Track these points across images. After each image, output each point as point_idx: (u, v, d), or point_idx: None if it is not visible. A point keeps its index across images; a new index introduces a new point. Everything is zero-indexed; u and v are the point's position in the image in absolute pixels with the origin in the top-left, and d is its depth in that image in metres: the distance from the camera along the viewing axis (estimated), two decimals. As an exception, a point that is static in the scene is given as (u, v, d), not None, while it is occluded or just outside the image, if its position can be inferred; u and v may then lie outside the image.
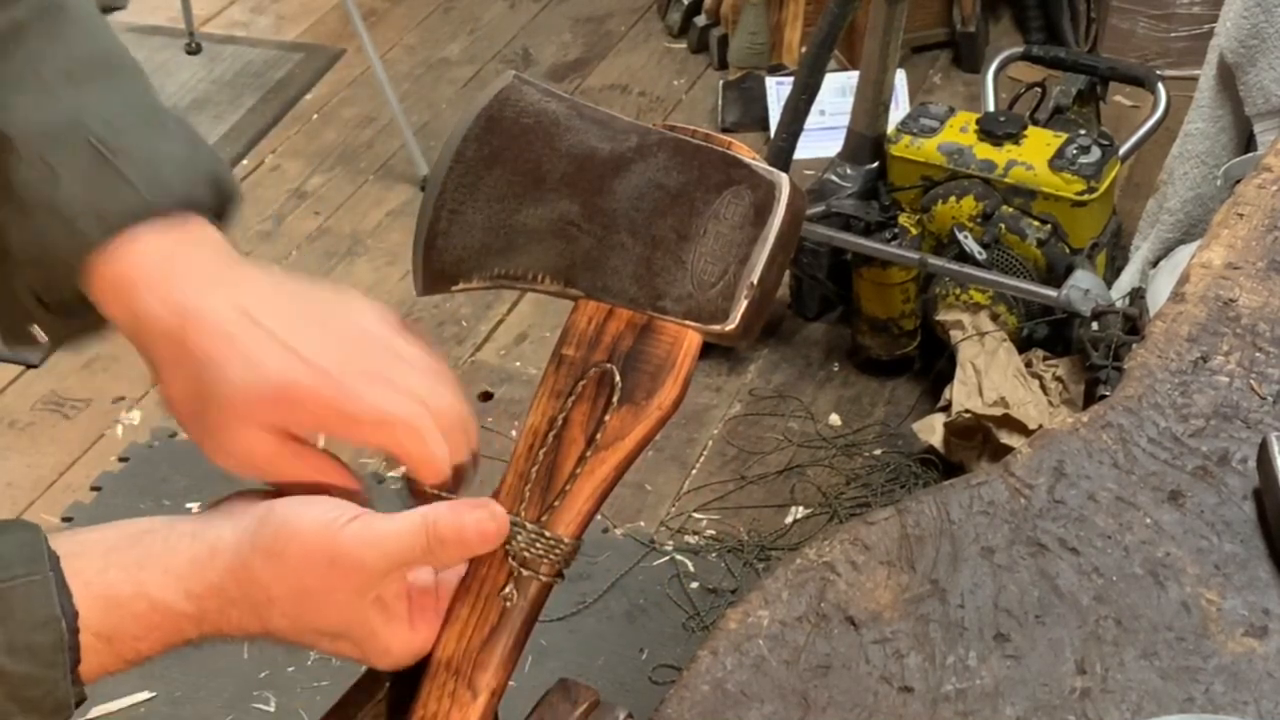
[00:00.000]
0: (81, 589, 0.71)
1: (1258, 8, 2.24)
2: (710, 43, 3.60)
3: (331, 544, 0.72)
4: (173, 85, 3.64)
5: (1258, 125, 2.30)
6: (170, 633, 0.73)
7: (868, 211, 2.59)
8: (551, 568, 0.76)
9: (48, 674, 0.70)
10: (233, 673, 2.23)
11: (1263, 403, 1.08)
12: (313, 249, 3.14)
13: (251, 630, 0.74)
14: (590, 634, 2.27)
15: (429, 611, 0.76)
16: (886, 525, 1.01)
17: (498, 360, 2.83)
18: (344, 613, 0.73)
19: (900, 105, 3.17)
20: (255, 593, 0.73)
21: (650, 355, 0.76)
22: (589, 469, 0.76)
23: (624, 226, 0.76)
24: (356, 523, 0.73)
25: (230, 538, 0.73)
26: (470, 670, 0.76)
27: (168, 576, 0.73)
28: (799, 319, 2.85)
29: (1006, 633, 0.94)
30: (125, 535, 0.75)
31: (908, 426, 2.54)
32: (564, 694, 0.84)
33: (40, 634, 0.70)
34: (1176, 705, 0.89)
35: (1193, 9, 3.35)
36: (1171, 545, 0.99)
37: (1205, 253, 1.21)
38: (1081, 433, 1.06)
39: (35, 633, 0.70)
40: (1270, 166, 1.30)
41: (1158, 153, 2.74)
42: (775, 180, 0.75)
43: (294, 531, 0.73)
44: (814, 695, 0.91)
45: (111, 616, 0.72)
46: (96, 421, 2.72)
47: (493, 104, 0.78)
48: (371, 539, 0.73)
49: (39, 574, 0.70)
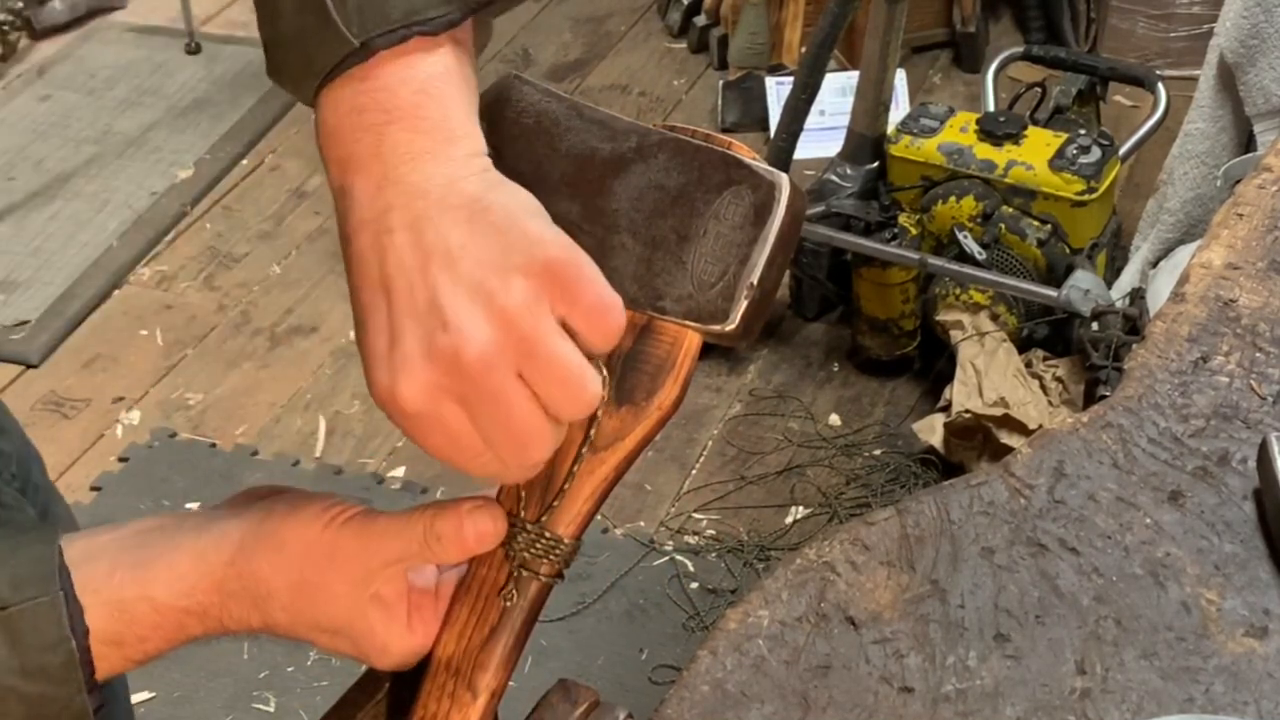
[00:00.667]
0: (90, 598, 0.72)
1: (1258, 8, 2.24)
2: (710, 43, 3.60)
3: (331, 538, 0.73)
4: (173, 85, 3.64)
5: (1258, 125, 2.30)
6: (174, 630, 0.74)
7: (868, 211, 2.59)
8: (551, 568, 0.76)
9: (62, 692, 0.71)
10: (233, 673, 2.23)
11: (1263, 403, 1.08)
12: (313, 249, 3.14)
13: (253, 625, 0.74)
14: (590, 634, 2.27)
15: (428, 612, 0.76)
16: (886, 525, 1.01)
17: (498, 360, 2.83)
18: (342, 608, 0.73)
19: (900, 105, 3.17)
20: (256, 586, 0.73)
21: (650, 355, 0.75)
22: (589, 469, 0.76)
23: (624, 227, 0.76)
24: (357, 518, 0.73)
25: (234, 532, 0.74)
26: (470, 670, 0.76)
27: (171, 574, 0.73)
28: (799, 319, 2.85)
29: (1006, 633, 0.94)
30: (131, 535, 0.75)
31: (908, 426, 2.54)
32: (564, 694, 0.84)
33: (52, 655, 0.71)
34: (1176, 705, 0.89)
35: (1193, 9, 3.35)
36: (1171, 545, 0.99)
37: (1205, 253, 1.21)
38: (1081, 433, 1.06)
39: (47, 654, 0.71)
40: (1270, 166, 1.30)
41: (1158, 153, 2.74)
42: (775, 180, 0.75)
43: (295, 525, 0.73)
44: (814, 695, 0.91)
45: (117, 622, 0.73)
46: (96, 421, 2.72)
47: (492, 104, 0.78)
48: (371, 534, 0.73)
49: (49, 594, 0.71)
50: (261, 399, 2.76)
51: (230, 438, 2.67)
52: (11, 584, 0.71)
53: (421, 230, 0.68)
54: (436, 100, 0.70)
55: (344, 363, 2.84)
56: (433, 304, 0.67)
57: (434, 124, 0.70)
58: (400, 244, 0.68)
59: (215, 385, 2.80)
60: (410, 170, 0.69)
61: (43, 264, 3.08)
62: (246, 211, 3.27)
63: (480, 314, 0.67)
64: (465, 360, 0.66)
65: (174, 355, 2.88)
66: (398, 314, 0.68)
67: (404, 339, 0.67)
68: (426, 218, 0.68)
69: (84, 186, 3.32)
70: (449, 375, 0.67)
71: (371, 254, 0.69)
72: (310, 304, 2.99)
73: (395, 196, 0.69)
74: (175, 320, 2.96)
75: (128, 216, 3.22)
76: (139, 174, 3.35)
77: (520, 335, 0.67)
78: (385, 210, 0.69)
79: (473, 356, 0.66)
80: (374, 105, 0.70)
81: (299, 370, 2.83)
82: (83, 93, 3.63)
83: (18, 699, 0.71)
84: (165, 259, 3.14)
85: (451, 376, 0.67)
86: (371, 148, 0.69)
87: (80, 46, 3.81)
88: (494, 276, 0.67)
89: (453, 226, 0.68)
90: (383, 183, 0.69)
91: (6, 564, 0.72)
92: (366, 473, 2.56)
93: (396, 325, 0.68)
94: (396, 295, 0.68)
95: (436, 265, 0.68)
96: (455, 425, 0.68)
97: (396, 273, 0.68)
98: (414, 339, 0.67)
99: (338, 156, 0.70)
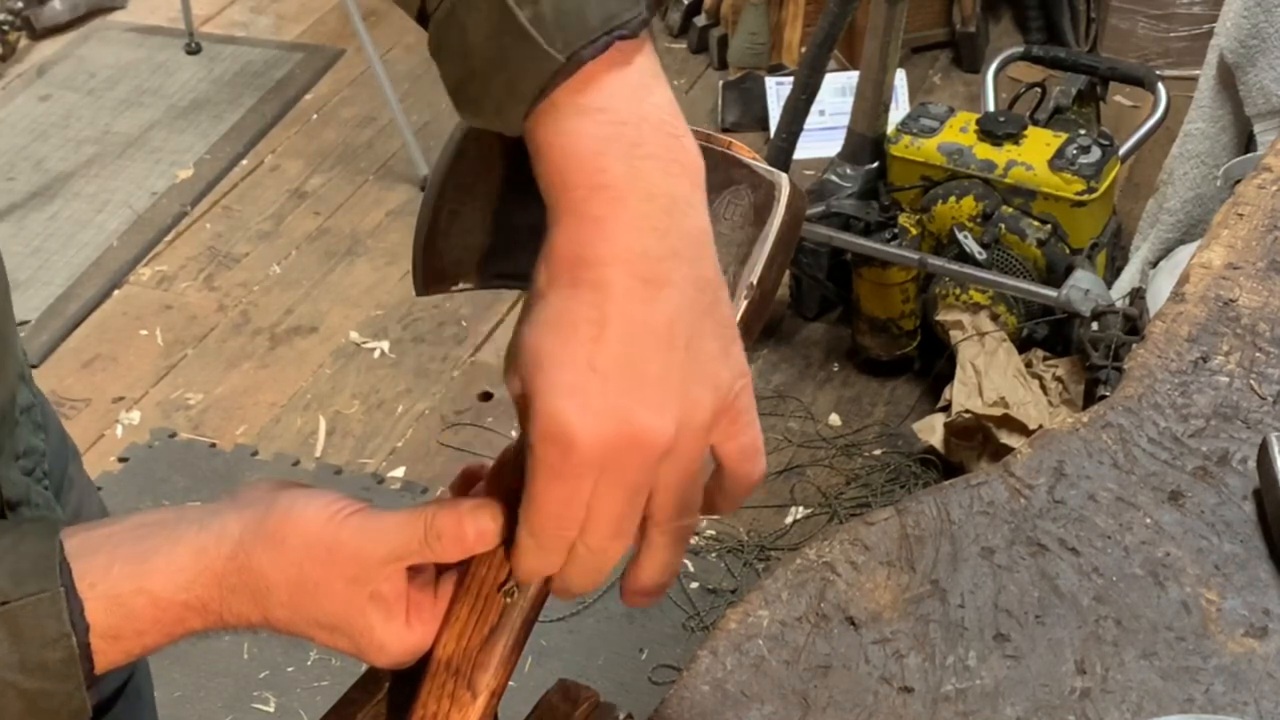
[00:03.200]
0: (88, 591, 0.72)
1: (1258, 8, 2.24)
2: (710, 43, 3.60)
3: (332, 534, 0.73)
4: (173, 85, 3.65)
5: (1258, 125, 2.30)
6: (172, 624, 0.74)
7: (868, 211, 2.59)
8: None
9: (61, 688, 0.71)
10: (233, 673, 2.23)
11: (1263, 403, 1.08)
12: (313, 249, 3.14)
13: (252, 620, 0.74)
14: (590, 634, 2.27)
15: (426, 611, 0.76)
16: (886, 525, 1.01)
17: (498, 360, 2.83)
18: (340, 604, 0.73)
19: (900, 105, 3.18)
20: (255, 581, 0.73)
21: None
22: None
23: (624, 227, 0.76)
24: (358, 514, 0.73)
25: (235, 527, 0.74)
26: (470, 670, 0.76)
27: (170, 568, 0.73)
28: (799, 319, 2.85)
29: (1006, 633, 0.94)
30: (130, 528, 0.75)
31: (908, 426, 2.54)
32: (564, 694, 0.84)
33: (52, 650, 0.71)
34: (1176, 705, 0.89)
35: (1193, 9, 3.35)
36: (1171, 545, 0.99)
37: (1205, 253, 1.21)
38: (1081, 433, 1.06)
39: (47, 649, 0.71)
40: (1270, 166, 1.30)
41: (1158, 153, 2.74)
42: (775, 180, 0.75)
43: (296, 520, 0.73)
44: (814, 695, 0.91)
45: (115, 616, 0.72)
46: (96, 421, 2.72)
47: None
48: (371, 531, 0.73)
49: (50, 589, 0.71)
50: (261, 399, 2.76)
51: (230, 438, 2.67)
52: (13, 578, 0.71)
53: (699, 293, 0.67)
54: (670, 120, 0.69)
55: (344, 363, 2.84)
56: (664, 378, 0.66)
57: (685, 166, 0.68)
58: (675, 301, 0.67)
59: (215, 385, 2.80)
60: (683, 218, 0.67)
61: (42, 264, 3.09)
62: (246, 211, 3.27)
63: (682, 410, 0.66)
64: (652, 440, 0.66)
65: (174, 355, 2.88)
66: (643, 364, 0.66)
67: (622, 385, 0.66)
68: (704, 289, 0.67)
69: (84, 186, 3.32)
70: (627, 448, 0.66)
71: (640, 300, 0.66)
72: (310, 304, 2.99)
73: (678, 241, 0.67)
74: (175, 320, 2.97)
75: (128, 216, 3.22)
76: (139, 174, 3.35)
77: (699, 445, 0.67)
78: (664, 257, 0.66)
79: (664, 441, 0.66)
80: (616, 135, 0.67)
81: (299, 370, 2.83)
82: (83, 93, 3.63)
83: (17, 694, 0.71)
84: (165, 259, 3.14)
85: (630, 452, 0.66)
86: (627, 178, 0.67)
87: (80, 46, 3.81)
88: (712, 384, 0.67)
89: (715, 307, 0.68)
90: (665, 231, 0.67)
91: (8, 557, 0.72)
92: (366, 473, 2.56)
93: (630, 371, 0.66)
94: (645, 349, 0.66)
95: (684, 340, 0.67)
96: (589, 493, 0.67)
97: (652, 331, 0.66)
98: (656, 391, 0.66)
99: (582, 183, 0.67)
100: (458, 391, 2.76)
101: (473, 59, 0.68)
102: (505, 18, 0.66)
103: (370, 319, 2.94)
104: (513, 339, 0.69)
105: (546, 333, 0.66)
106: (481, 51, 0.67)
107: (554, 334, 0.66)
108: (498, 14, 0.66)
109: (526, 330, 0.68)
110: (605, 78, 0.67)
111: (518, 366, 0.68)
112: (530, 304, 0.68)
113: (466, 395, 2.75)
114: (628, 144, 0.67)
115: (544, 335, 0.66)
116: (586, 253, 0.66)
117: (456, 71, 0.69)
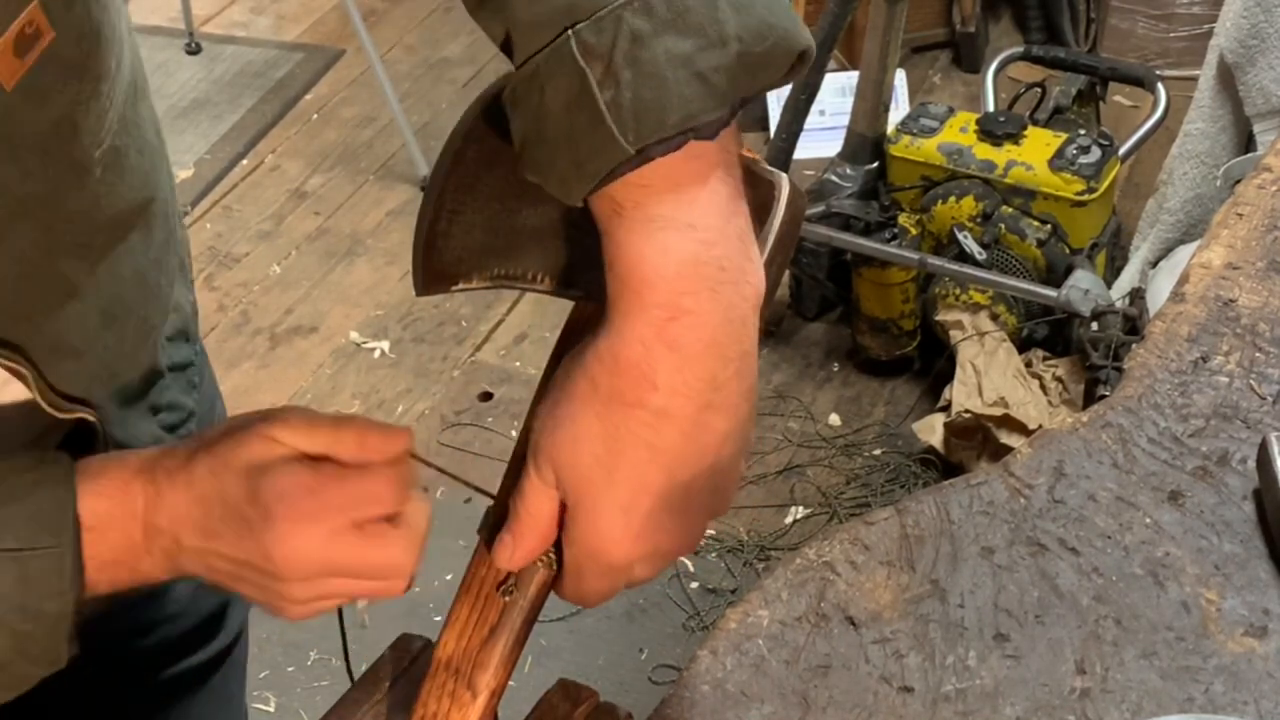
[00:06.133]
0: None
1: (1258, 8, 2.24)
2: (710, 43, 3.60)
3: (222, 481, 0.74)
4: (173, 85, 3.65)
5: (1258, 125, 2.30)
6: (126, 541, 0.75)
7: (868, 211, 2.59)
8: (550, 567, 0.76)
9: (49, 638, 0.74)
10: (233, 673, 2.23)
11: (1263, 403, 1.08)
12: (313, 249, 3.14)
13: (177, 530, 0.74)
14: (590, 634, 2.27)
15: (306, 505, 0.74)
16: (886, 525, 1.01)
17: (498, 360, 2.83)
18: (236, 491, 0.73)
19: (900, 105, 3.17)
20: (180, 478, 0.74)
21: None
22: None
23: (625, 227, 0.76)
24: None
25: (194, 442, 0.76)
26: (470, 670, 0.76)
27: (122, 463, 0.76)
28: (799, 319, 2.85)
29: (1006, 633, 0.94)
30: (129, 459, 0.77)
31: (908, 426, 2.54)
32: (564, 694, 0.84)
33: (51, 603, 0.73)
34: (1176, 705, 0.89)
35: (1193, 9, 3.35)
36: (1171, 545, 0.99)
37: (1205, 253, 1.21)
38: (1081, 433, 1.06)
39: (47, 601, 0.73)
40: (1270, 166, 1.30)
41: (1158, 153, 2.74)
42: (775, 180, 0.75)
43: (240, 440, 0.74)
44: (814, 695, 0.91)
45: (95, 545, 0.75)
46: (96, 421, 2.72)
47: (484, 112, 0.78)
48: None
49: (61, 545, 0.73)
50: (262, 399, 2.76)
51: (230, 438, 2.67)
52: (31, 524, 0.73)
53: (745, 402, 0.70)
54: (749, 243, 0.70)
55: (344, 363, 2.84)
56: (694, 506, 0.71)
57: (754, 288, 0.70)
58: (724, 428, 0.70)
59: (215, 385, 2.80)
60: (746, 339, 0.69)
61: (43, 264, 3.09)
62: (246, 211, 3.27)
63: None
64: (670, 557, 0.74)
65: (174, 355, 2.88)
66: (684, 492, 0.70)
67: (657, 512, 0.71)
68: (748, 397, 0.70)
69: (84, 186, 3.32)
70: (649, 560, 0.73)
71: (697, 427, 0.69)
72: (310, 304, 2.99)
73: (740, 363, 0.69)
74: (175, 320, 2.97)
75: (128, 216, 3.22)
76: (139, 174, 3.35)
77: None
78: (727, 380, 0.69)
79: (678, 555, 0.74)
80: (704, 258, 0.67)
81: (299, 370, 2.83)
82: (83, 93, 3.63)
83: (9, 633, 0.73)
84: (165, 259, 3.14)
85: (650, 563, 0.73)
86: (710, 306, 0.68)
87: (80, 46, 3.81)
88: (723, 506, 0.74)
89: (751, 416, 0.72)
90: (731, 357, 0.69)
91: (29, 499, 0.73)
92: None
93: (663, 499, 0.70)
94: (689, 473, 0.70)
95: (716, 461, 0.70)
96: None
97: (700, 455, 0.69)
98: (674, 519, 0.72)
99: (664, 303, 0.67)
100: (458, 391, 2.76)
101: (545, 124, 0.67)
102: (585, 94, 0.65)
103: (370, 319, 2.95)
104: (545, 419, 0.71)
105: (601, 445, 0.69)
106: (555, 120, 0.66)
107: (609, 449, 0.69)
108: (578, 88, 0.65)
109: (570, 428, 0.70)
110: (700, 192, 0.67)
111: (556, 462, 0.71)
112: (572, 392, 0.70)
113: (466, 395, 2.75)
114: (715, 268, 0.67)
115: (598, 446, 0.69)
116: (658, 379, 0.68)
117: (527, 129, 0.68)
